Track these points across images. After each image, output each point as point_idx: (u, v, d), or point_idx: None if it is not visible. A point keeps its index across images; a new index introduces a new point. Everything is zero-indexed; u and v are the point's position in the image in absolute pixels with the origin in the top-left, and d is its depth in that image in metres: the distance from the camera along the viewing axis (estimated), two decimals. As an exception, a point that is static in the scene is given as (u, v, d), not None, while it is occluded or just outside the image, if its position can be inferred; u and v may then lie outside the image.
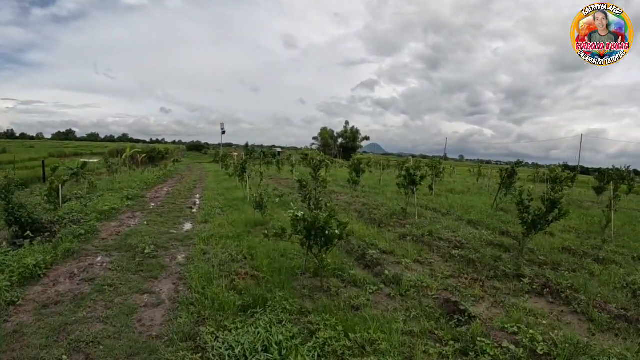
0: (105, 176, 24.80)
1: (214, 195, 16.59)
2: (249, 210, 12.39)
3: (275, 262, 7.15)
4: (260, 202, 10.29)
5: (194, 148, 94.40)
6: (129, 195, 14.63)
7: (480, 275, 7.15)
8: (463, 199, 18.22)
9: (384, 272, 6.80)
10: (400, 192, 15.43)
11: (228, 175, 24.72)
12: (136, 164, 36.97)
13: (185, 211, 12.68)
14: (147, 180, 21.12)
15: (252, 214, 11.50)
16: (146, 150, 51.77)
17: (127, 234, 9.02)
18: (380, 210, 13.46)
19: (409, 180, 12.90)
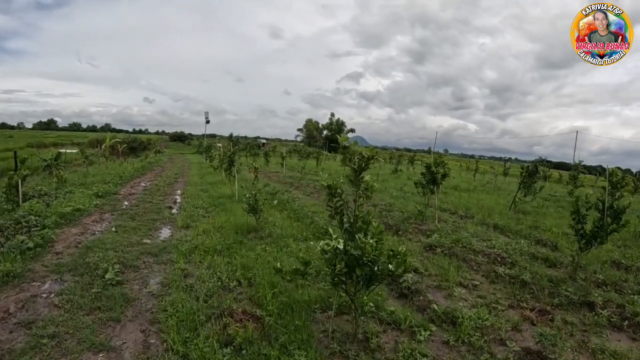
0: (82, 168, 22.69)
1: (197, 192, 14.75)
2: (238, 210, 10.65)
3: (281, 291, 5.42)
4: (255, 204, 8.53)
5: (177, 138, 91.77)
6: (100, 192, 12.71)
7: (541, 303, 5.76)
8: (473, 198, 16.80)
9: (431, 306, 5.24)
10: (415, 192, 14.47)
11: (212, 168, 22.82)
12: (116, 154, 34.95)
13: (163, 212, 10.84)
14: (124, 173, 19.12)
15: (243, 216, 9.78)
16: (127, 140, 49.74)
17: (89, 245, 7.16)
18: (392, 213, 11.87)
19: (429, 179, 11.25)
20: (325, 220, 9.65)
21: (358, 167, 4.04)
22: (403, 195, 16.35)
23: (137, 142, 58.27)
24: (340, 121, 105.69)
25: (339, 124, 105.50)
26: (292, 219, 10.23)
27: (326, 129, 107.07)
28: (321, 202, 13.28)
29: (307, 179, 20.48)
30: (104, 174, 18.98)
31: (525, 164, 17.27)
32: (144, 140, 66.17)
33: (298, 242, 8.10)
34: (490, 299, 5.70)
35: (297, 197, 13.62)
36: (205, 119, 35.15)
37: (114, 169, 22.87)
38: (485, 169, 48.66)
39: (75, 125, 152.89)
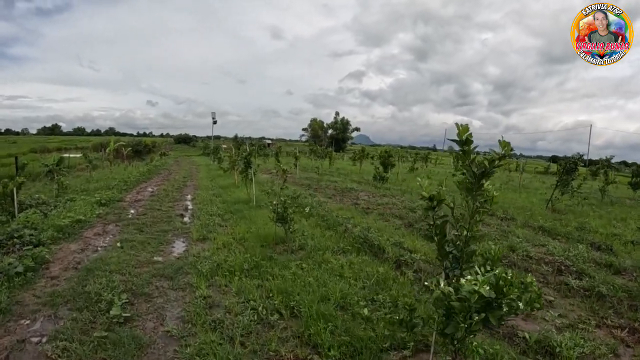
0: (86, 172, 21.61)
1: (209, 197, 13.56)
2: (259, 218, 9.55)
3: (336, 325, 4.26)
4: (284, 213, 7.31)
5: (181, 141, 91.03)
6: (103, 199, 11.54)
7: (625, 319, 5.00)
8: (505, 198, 15.57)
9: (517, 333, 4.36)
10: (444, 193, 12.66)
11: (222, 171, 21.62)
12: (121, 158, 33.92)
13: (174, 221, 9.65)
14: (129, 177, 17.96)
15: (267, 225, 8.67)
16: (132, 143, 48.83)
17: (90, 267, 5.96)
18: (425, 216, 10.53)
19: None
20: (361, 229, 8.46)
21: (478, 171, 2.85)
22: None
23: (142, 145, 57.36)
24: (345, 120, 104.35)
25: (343, 123, 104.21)
26: (321, 227, 9.03)
27: (331, 128, 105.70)
28: (348, 205, 12.10)
29: (325, 180, 19.27)
30: (107, 179, 17.86)
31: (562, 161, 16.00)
32: (149, 143, 65.23)
33: (337, 256, 6.95)
34: (573, 318, 4.92)
35: (321, 201, 12.42)
36: (212, 119, 33.87)
37: (119, 173, 21.73)
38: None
39: (79, 130, 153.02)
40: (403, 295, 5.20)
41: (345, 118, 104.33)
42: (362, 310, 4.37)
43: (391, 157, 15.67)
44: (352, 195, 14.53)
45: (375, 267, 6.27)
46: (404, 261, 6.74)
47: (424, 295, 5.27)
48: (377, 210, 11.51)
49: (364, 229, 8.37)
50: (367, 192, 15.75)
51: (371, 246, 7.55)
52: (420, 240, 8.24)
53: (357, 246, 7.53)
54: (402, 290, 5.43)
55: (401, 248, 7.47)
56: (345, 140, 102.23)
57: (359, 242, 7.71)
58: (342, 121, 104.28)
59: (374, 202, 12.88)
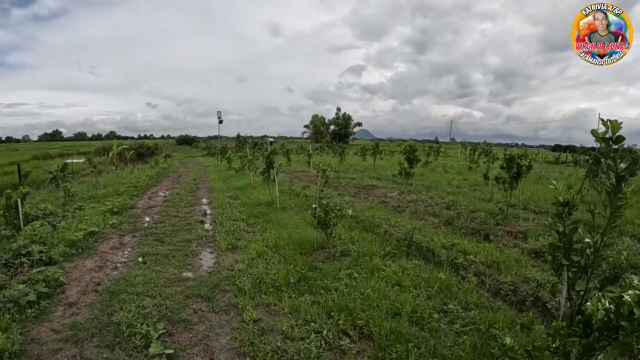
0: (91, 178, 20.85)
1: (226, 200, 12.76)
2: (287, 221, 8.88)
3: (417, 344, 3.61)
4: (326, 217, 6.52)
5: (184, 142, 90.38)
6: (115, 207, 10.73)
7: None
8: (529, 190, 14.88)
9: None
10: (467, 186, 13.96)
11: (234, 171, 20.83)
12: (124, 161, 33.20)
13: (195, 229, 8.85)
14: (138, 181, 17.14)
15: (299, 229, 8.04)
16: (134, 146, 48.20)
17: (113, 290, 5.15)
18: (472, 214, 10.04)
19: (514, 172, 9.31)
20: (405, 230, 7.67)
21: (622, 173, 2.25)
22: (457, 190, 14.34)
23: (145, 148, 56.79)
24: (347, 115, 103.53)
25: (345, 119, 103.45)
26: (358, 229, 8.23)
27: (333, 124, 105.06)
28: (377, 204, 11.29)
29: (343, 177, 18.45)
30: (115, 184, 17.07)
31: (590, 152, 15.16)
32: (151, 145, 64.61)
33: (385, 261, 6.22)
34: None
35: (347, 200, 11.63)
36: (218, 118, 32.91)
37: (125, 177, 20.95)
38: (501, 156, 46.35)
39: (80, 135, 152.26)
40: (476, 305, 4.66)
41: (347, 113, 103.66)
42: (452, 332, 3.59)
43: (416, 151, 14.80)
44: (376, 193, 13.72)
45: (433, 273, 5.61)
46: (460, 264, 6.07)
47: (496, 302, 4.77)
48: (408, 209, 10.72)
49: (409, 231, 7.56)
50: (390, 188, 14.94)
51: (418, 249, 6.85)
52: (467, 240, 7.52)
53: (404, 249, 6.81)
54: (469, 297, 4.85)
55: (451, 250, 6.71)
56: (348, 136, 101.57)
57: (403, 245, 6.99)
58: (344, 116, 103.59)
59: (403, 200, 12.08)
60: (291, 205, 10.89)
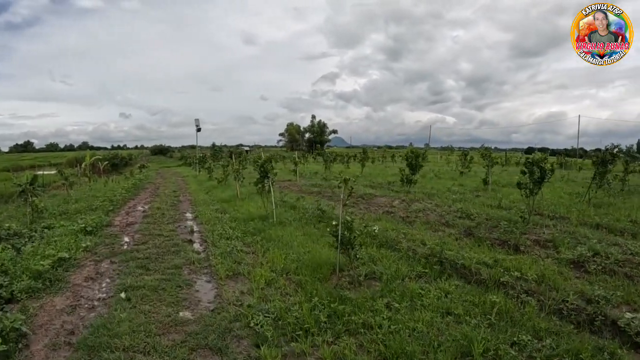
0: (63, 191, 19.31)
1: (213, 214, 11.55)
2: (289, 239, 7.93)
3: None
4: (350, 237, 5.44)
5: (158, 152, 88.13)
6: (89, 225, 9.42)
7: None
8: None
9: None
10: (468, 192, 13.20)
11: (217, 181, 19.55)
12: (98, 173, 31.52)
13: (185, 250, 7.66)
14: (113, 194, 15.66)
15: (304, 248, 7.12)
16: (108, 157, 46.35)
17: (90, 342, 3.94)
18: (480, 222, 9.39)
19: (537, 176, 8.47)
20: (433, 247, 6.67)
21: None
22: (461, 197, 13.49)
23: (119, 158, 54.87)
24: (322, 123, 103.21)
25: (320, 126, 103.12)
26: (375, 245, 7.18)
27: (308, 131, 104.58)
28: (382, 215, 10.26)
29: (335, 187, 17.41)
30: (88, 198, 15.66)
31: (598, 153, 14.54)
32: (125, 155, 62.49)
33: (421, 284, 5.34)
34: None
35: (349, 212, 10.57)
36: (196, 126, 31.18)
37: (99, 190, 19.46)
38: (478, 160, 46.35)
39: (52, 146, 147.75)
40: (547, 331, 4.00)
41: (322, 121, 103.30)
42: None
43: (419, 157, 13.87)
44: (377, 202, 12.71)
45: (482, 296, 4.81)
46: (507, 283, 5.21)
47: (565, 326, 4.13)
48: (418, 219, 9.76)
49: (435, 245, 6.62)
50: (389, 197, 13.95)
51: (452, 266, 5.93)
52: (497, 252, 6.75)
53: (436, 268, 5.91)
54: (537, 323, 4.17)
55: (488, 266, 5.87)
56: (323, 143, 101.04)
57: (434, 263, 6.09)
58: (319, 124, 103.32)
59: (409, 209, 11.07)
60: (289, 220, 9.77)
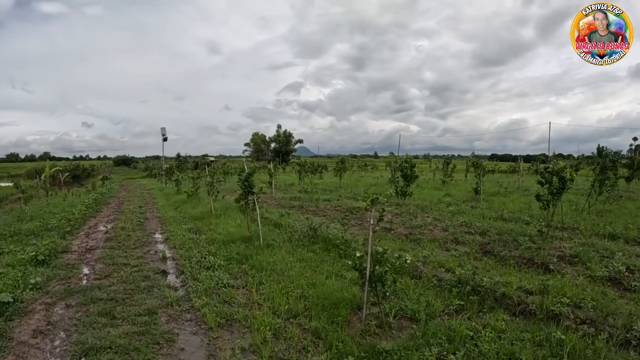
0: (19, 205, 17.52)
1: (187, 235, 10.18)
2: (284, 265, 6.90)
3: None
4: (381, 271, 4.34)
5: (121, 162, 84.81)
6: (41, 253, 7.91)
7: None
8: (521, 203, 14.09)
9: None
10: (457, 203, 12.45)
11: (186, 195, 18.04)
12: (59, 185, 29.42)
13: (158, 285, 6.34)
14: (72, 213, 13.93)
15: (304, 277, 6.11)
16: (69, 168, 43.81)
17: None
18: (500, 236, 8.75)
19: (558, 187, 7.73)
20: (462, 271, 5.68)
21: None
22: (457, 209, 12.67)
23: (80, 170, 52.17)
24: (287, 132, 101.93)
25: (286, 136, 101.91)
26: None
27: (274, 141, 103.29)
28: (381, 233, 9.15)
29: (316, 199, 16.27)
30: (45, 215, 14.03)
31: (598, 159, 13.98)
32: (87, 166, 59.58)
33: (465, 323, 4.40)
34: None
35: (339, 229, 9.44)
36: (162, 135, 29.06)
37: (58, 205, 17.67)
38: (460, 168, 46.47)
39: (12, 156, 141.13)
40: None
41: (287, 130, 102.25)
42: None
43: (414, 167, 12.89)
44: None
45: (540, 333, 4.08)
46: (559, 313, 4.47)
47: None
48: (423, 236, 8.81)
49: (467, 272, 5.65)
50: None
51: (491, 295, 5.10)
52: (525, 272, 6.09)
53: (473, 299, 5.00)
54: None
55: (528, 292, 5.15)
56: (289, 153, 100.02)
57: (467, 292, 5.22)
58: (285, 134, 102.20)
59: (409, 225, 10.07)
60: (277, 241, 8.55)
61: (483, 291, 5.13)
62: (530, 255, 6.98)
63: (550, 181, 8.00)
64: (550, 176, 7.96)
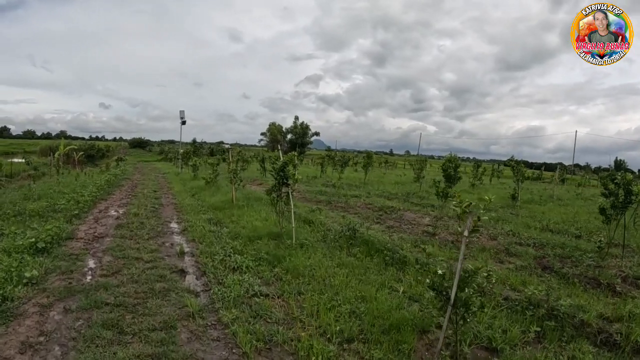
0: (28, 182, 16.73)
1: (206, 226, 9.16)
2: (323, 270, 5.86)
3: None
4: (467, 296, 3.26)
5: (137, 145, 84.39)
6: (42, 239, 6.92)
7: None
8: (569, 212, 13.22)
9: None
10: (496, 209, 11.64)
11: (205, 181, 17.03)
12: (72, 164, 28.72)
13: (175, 288, 5.32)
14: (82, 194, 12.92)
15: (350, 287, 5.11)
16: (84, 147, 43.19)
17: None
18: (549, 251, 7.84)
19: (623, 199, 7.14)
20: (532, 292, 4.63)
21: None
22: (498, 215, 11.61)
23: (95, 150, 51.63)
24: (304, 125, 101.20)
25: (303, 128, 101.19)
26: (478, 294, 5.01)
27: (290, 132, 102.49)
28: (425, 238, 8.05)
29: (342, 195, 15.16)
30: (54, 194, 13.09)
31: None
32: (102, 147, 59.08)
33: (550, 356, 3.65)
34: None
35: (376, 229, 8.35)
36: (181, 119, 27.95)
37: (69, 184, 16.74)
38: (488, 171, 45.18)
39: (29, 133, 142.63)
40: None
41: (305, 122, 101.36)
42: None
43: (459, 167, 11.78)
44: (406, 219, 10.51)
45: None
46: None
47: None
48: (472, 245, 7.79)
49: (538, 292, 4.73)
50: (413, 211, 11.81)
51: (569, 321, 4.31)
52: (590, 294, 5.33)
53: (549, 324, 4.27)
54: None
55: (608, 320, 4.44)
56: (305, 145, 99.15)
57: (541, 315, 4.45)
58: (302, 126, 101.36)
59: (454, 231, 8.98)
60: (310, 241, 7.48)
61: (560, 316, 4.34)
62: (593, 274, 6.20)
63: (616, 193, 7.18)
64: (617, 188, 6.93)
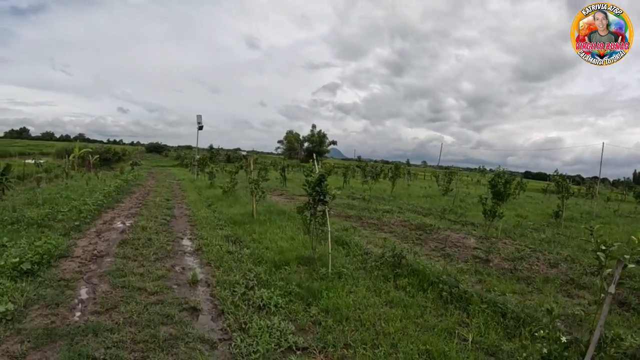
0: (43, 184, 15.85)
1: (225, 246, 7.89)
2: (364, 308, 4.44)
3: None
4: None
5: (153, 150, 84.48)
6: (29, 258, 5.73)
7: None
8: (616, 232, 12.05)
9: None
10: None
11: (222, 191, 15.81)
12: (87, 166, 28.00)
13: (186, 337, 4.06)
14: (87, 201, 11.74)
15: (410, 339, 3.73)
16: (100, 150, 42.68)
17: None
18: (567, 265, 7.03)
19: None
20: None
21: None
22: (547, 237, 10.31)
23: (111, 153, 51.15)
24: (322, 133, 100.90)
25: (320, 136, 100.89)
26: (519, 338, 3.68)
27: (307, 140, 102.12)
28: (478, 265, 6.69)
29: (374, 210, 13.81)
30: (59, 200, 12.04)
31: None
32: (118, 150, 58.71)
33: None
34: None
35: (422, 254, 7.01)
36: (198, 124, 26.82)
37: (78, 189, 15.71)
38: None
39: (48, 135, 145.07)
40: None
41: (322, 131, 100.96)
42: None
43: (508, 184, 10.50)
44: (450, 241, 9.14)
45: None
46: None
47: None
48: (532, 274, 6.52)
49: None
50: (454, 230, 10.50)
51: None
52: None
53: None
54: None
55: None
56: (322, 154, 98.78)
57: None
58: (319, 134, 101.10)
59: (508, 256, 7.74)
60: (349, 269, 6.17)
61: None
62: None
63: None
64: None
